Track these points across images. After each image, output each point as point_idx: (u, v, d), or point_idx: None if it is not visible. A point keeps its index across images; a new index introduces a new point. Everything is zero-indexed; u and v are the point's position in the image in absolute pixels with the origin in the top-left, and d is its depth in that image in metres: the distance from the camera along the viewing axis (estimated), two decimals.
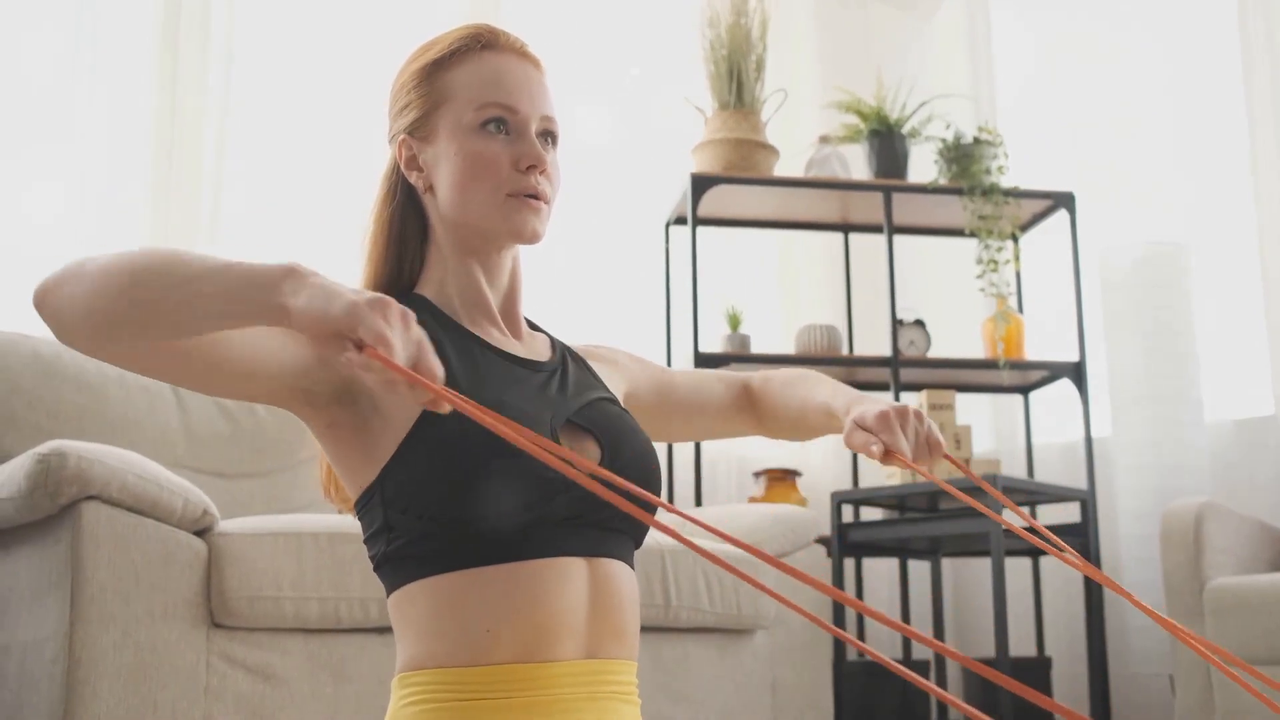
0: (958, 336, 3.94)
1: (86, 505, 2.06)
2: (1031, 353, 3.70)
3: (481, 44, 1.31)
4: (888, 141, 3.74)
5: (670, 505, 0.92)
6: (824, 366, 3.66)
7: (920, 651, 3.83)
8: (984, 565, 3.75)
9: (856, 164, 3.89)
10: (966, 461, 3.52)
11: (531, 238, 1.29)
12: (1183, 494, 3.39)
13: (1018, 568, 3.86)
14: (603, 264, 3.97)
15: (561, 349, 1.39)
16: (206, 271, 0.99)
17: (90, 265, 1.03)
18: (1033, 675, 3.61)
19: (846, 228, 4.02)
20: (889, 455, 1.30)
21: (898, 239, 3.74)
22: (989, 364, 3.60)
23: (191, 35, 3.44)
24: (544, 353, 1.36)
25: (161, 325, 1.02)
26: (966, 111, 4.09)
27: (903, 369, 3.58)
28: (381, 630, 2.28)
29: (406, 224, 1.34)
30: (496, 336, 1.32)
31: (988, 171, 3.63)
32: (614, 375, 1.43)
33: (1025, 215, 3.78)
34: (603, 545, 1.23)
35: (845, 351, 3.81)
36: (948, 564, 4.07)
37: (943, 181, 3.68)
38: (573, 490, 1.18)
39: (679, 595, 2.62)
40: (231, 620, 2.18)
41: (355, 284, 1.35)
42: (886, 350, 3.63)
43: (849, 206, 3.84)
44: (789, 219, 3.95)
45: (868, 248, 4.03)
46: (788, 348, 3.83)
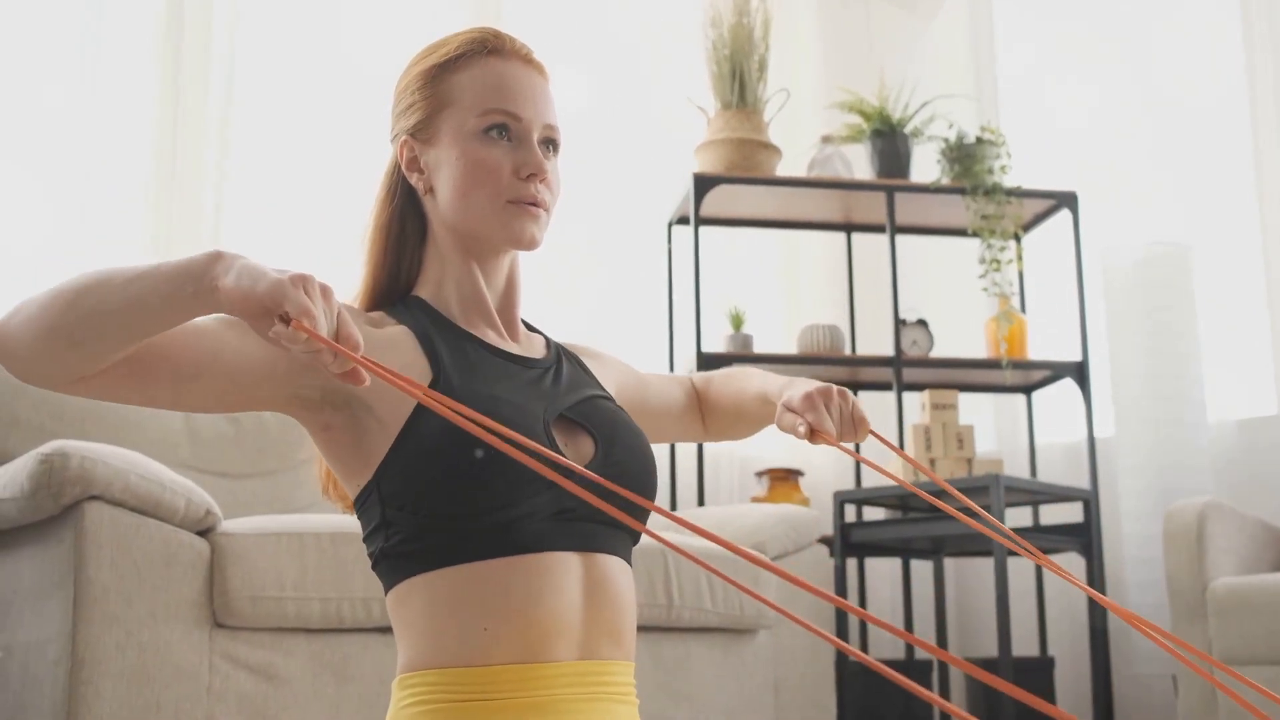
0: (960, 336, 3.94)
1: (89, 505, 2.07)
2: (1034, 352, 3.69)
3: (487, 49, 1.32)
4: (890, 141, 3.74)
5: (661, 508, 0.92)
6: (827, 366, 3.66)
7: (921, 651, 3.83)
8: (987, 565, 3.74)
9: (859, 164, 3.89)
10: (968, 462, 3.52)
11: (530, 244, 1.30)
12: (1185, 494, 3.38)
13: (1020, 568, 3.85)
14: (605, 264, 3.97)
15: (556, 348, 1.40)
16: (142, 273, 1.04)
17: (32, 299, 1.08)
18: (1035, 676, 3.61)
19: (849, 227, 4.02)
20: (815, 435, 1.34)
21: (900, 239, 3.74)
22: (992, 364, 3.59)
23: (193, 35, 3.44)
24: (539, 351, 1.37)
25: (111, 330, 1.05)
26: (969, 111, 4.09)
27: (905, 369, 3.58)
28: (383, 630, 2.29)
29: (406, 224, 1.35)
30: (492, 337, 1.33)
31: (990, 171, 3.62)
32: (606, 374, 1.44)
33: (1028, 215, 3.78)
34: (598, 540, 1.24)
35: (848, 351, 3.81)
36: (950, 564, 4.07)
37: (945, 181, 3.68)
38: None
39: (681, 595, 2.62)
40: (234, 620, 2.18)
41: (355, 285, 1.36)
42: (889, 350, 3.63)
43: (852, 206, 3.84)
44: (792, 219, 3.95)
45: (870, 247, 4.03)
46: (790, 348, 3.83)
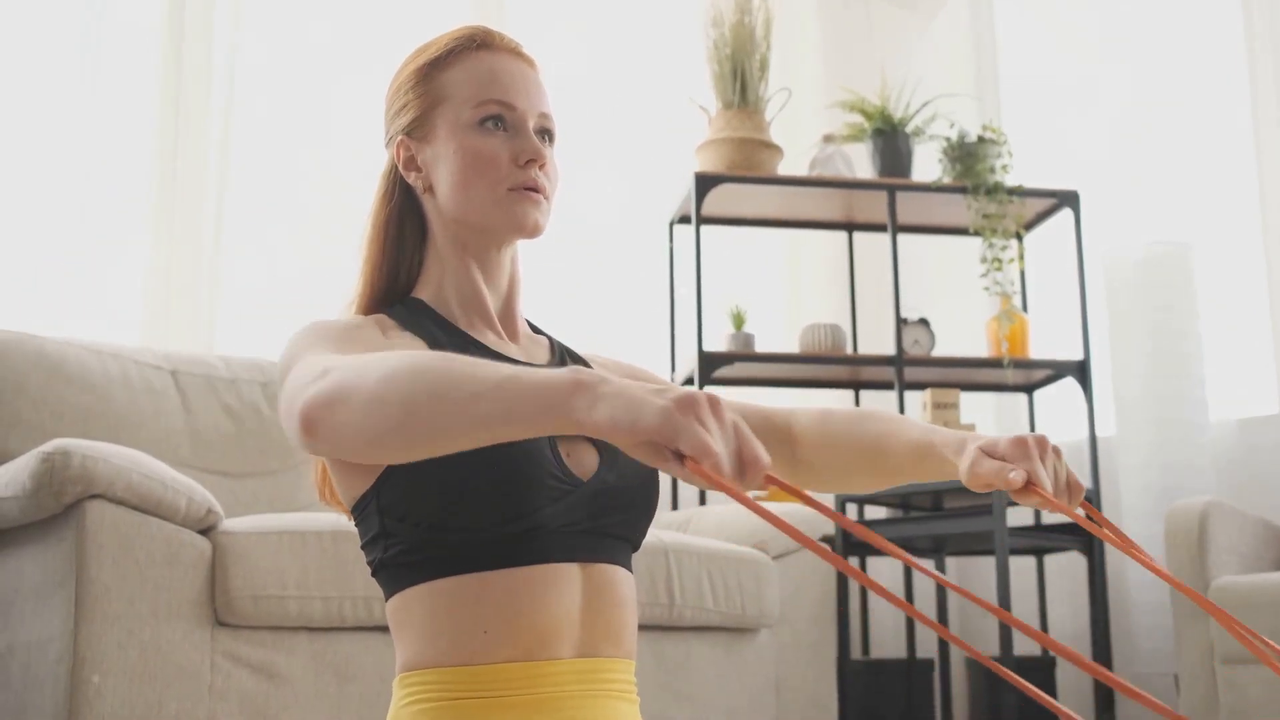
0: (962, 335, 3.93)
1: (91, 504, 2.06)
2: (1036, 352, 3.69)
3: (477, 44, 1.32)
4: (892, 140, 3.74)
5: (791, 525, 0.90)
6: (828, 366, 3.66)
7: (923, 650, 3.83)
8: (989, 564, 3.74)
9: (860, 163, 3.89)
10: None
11: (533, 230, 1.29)
12: (1187, 493, 3.38)
13: (1022, 567, 3.85)
14: (606, 263, 3.97)
15: (561, 351, 1.38)
16: (485, 390, 0.94)
17: (359, 388, 0.99)
18: (1037, 675, 3.61)
19: (850, 227, 4.02)
20: (1029, 486, 1.12)
21: (902, 238, 3.73)
22: (993, 363, 3.59)
23: (194, 36, 3.44)
24: (542, 356, 1.36)
25: (443, 445, 0.98)
26: (970, 110, 4.09)
27: (907, 368, 3.57)
28: (385, 629, 2.28)
29: (404, 226, 1.34)
30: (493, 339, 1.32)
31: (992, 170, 3.62)
32: None
33: (1029, 214, 3.77)
34: (598, 551, 1.23)
35: (849, 350, 3.81)
36: (952, 563, 4.07)
37: (947, 180, 3.68)
38: (567, 499, 1.19)
39: (683, 594, 2.62)
40: (236, 619, 2.18)
41: (354, 286, 1.35)
42: (891, 349, 3.63)
43: (853, 205, 3.84)
44: (793, 218, 3.95)
45: (872, 247, 4.02)
46: (792, 347, 3.83)
